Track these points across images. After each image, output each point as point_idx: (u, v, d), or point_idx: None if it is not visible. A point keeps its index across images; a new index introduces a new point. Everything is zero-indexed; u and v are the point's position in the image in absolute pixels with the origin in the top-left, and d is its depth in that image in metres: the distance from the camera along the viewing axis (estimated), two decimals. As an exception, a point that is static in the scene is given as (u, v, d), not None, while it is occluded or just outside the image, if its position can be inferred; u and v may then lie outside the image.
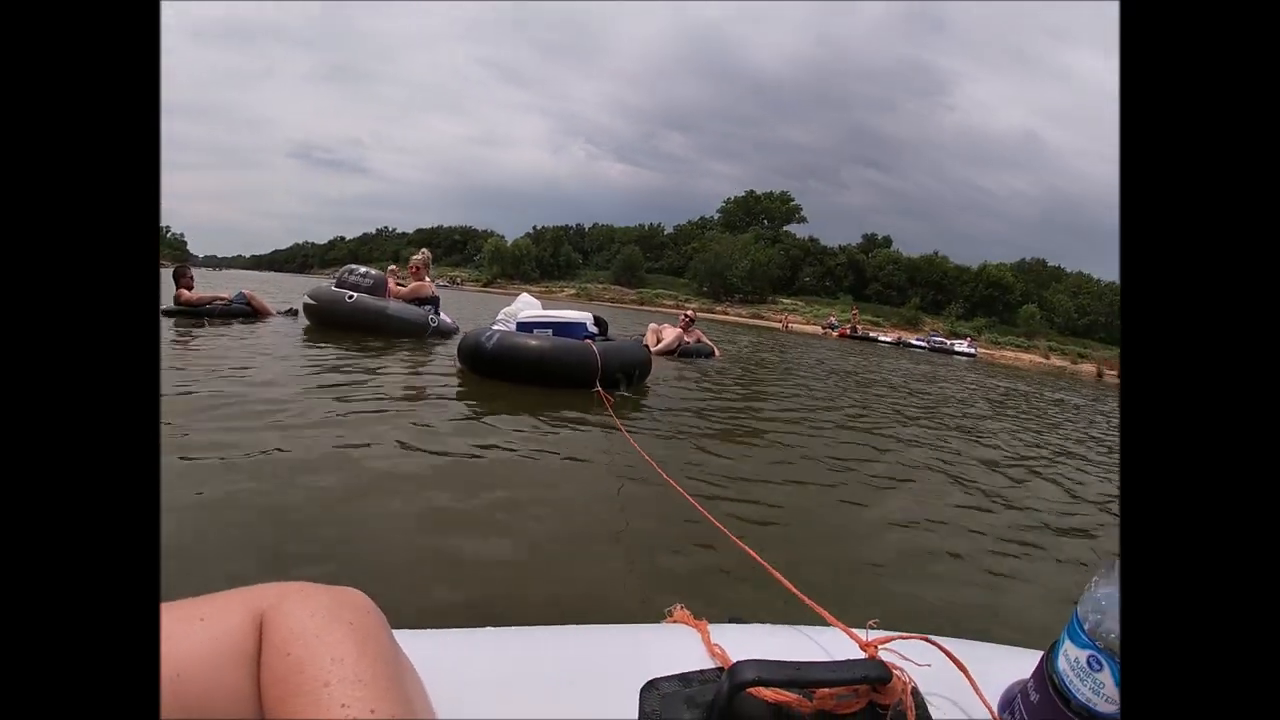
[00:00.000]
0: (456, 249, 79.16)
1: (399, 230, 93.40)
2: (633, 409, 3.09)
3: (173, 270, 5.56)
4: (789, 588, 0.68)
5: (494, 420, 2.51)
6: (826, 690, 0.42)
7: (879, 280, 51.06)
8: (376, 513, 1.49)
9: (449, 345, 4.80)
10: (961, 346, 27.39)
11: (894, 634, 0.51)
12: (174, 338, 4.05)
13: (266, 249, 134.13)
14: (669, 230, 67.57)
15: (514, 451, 2.09)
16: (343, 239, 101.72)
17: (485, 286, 59.41)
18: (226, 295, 5.65)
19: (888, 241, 56.93)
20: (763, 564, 0.81)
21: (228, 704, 0.32)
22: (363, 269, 4.99)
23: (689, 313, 6.75)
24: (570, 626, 0.54)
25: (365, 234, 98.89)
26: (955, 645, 0.51)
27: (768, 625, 0.59)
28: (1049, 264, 52.27)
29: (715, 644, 0.51)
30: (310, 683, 0.31)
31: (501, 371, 3.34)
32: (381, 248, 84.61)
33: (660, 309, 38.64)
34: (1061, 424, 5.41)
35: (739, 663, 0.42)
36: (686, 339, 6.32)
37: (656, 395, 3.67)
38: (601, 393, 3.09)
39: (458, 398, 2.94)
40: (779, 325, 32.76)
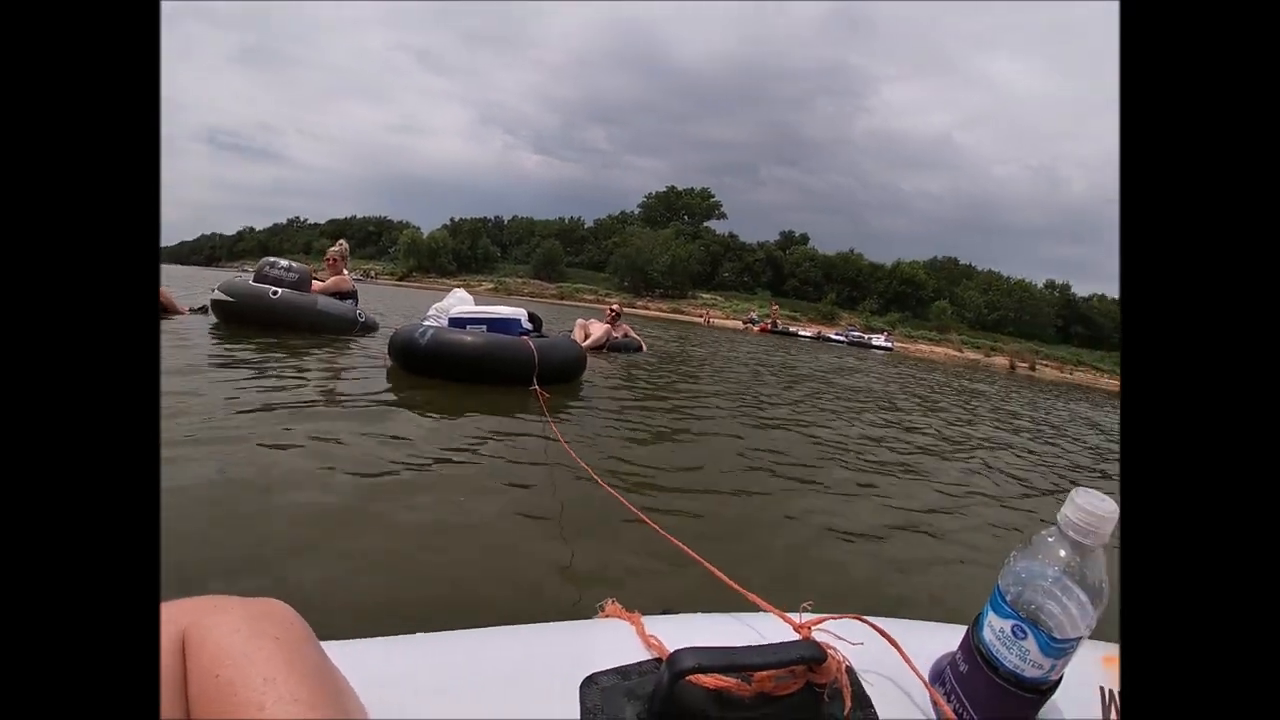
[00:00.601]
0: (371, 240, 75.47)
1: (311, 221, 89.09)
2: (567, 406, 3.09)
3: None
4: (719, 576, 0.68)
5: (425, 420, 2.45)
6: (764, 673, 0.43)
7: (796, 276, 53.36)
8: (296, 515, 1.41)
9: (377, 341, 4.67)
10: (879, 341, 29.18)
11: (826, 615, 0.53)
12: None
13: (173, 240, 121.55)
14: (589, 224, 67.50)
15: (446, 452, 2.04)
16: (252, 230, 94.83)
17: (400, 280, 56.64)
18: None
19: (805, 239, 59.61)
20: (692, 555, 0.81)
21: None
22: (285, 262, 4.71)
23: (615, 306, 6.69)
24: (505, 627, 0.54)
25: (276, 224, 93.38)
26: (886, 624, 0.53)
27: (700, 614, 0.59)
28: (960, 262, 55.67)
29: (650, 635, 0.51)
30: (244, 706, 0.31)
31: (436, 369, 3.25)
32: (293, 239, 79.86)
33: (581, 304, 38.28)
34: (983, 415, 5.70)
35: (677, 651, 0.42)
36: (615, 334, 6.34)
37: (589, 392, 3.70)
38: (538, 390, 3.08)
39: (390, 397, 2.84)
40: (700, 320, 33.45)
